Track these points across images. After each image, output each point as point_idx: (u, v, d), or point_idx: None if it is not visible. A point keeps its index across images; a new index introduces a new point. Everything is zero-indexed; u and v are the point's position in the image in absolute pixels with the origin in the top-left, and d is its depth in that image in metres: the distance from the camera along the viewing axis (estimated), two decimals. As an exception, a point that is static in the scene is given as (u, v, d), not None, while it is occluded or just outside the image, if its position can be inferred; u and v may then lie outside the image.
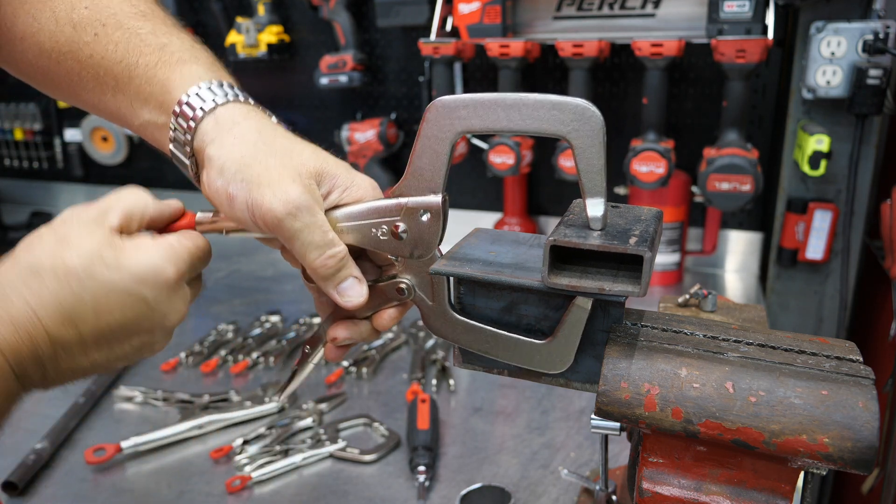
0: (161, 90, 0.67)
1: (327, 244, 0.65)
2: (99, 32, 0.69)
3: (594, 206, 0.59)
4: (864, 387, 0.54)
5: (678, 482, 0.60)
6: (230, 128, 0.65)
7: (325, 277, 0.66)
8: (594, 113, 0.57)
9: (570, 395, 1.33)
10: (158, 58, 0.68)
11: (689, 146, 1.88)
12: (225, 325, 1.64)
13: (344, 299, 0.67)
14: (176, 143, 0.68)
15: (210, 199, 0.66)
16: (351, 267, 0.67)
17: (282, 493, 1.10)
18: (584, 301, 0.60)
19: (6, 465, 1.12)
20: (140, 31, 0.70)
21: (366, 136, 2.12)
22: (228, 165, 0.63)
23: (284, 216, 0.62)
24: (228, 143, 0.64)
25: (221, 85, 0.68)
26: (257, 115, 0.68)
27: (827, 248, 1.70)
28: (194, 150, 0.67)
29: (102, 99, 0.72)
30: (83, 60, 0.70)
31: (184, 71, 0.68)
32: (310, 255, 0.65)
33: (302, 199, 0.62)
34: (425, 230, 0.65)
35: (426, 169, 0.64)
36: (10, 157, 2.74)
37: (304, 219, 0.63)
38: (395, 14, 1.95)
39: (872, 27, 1.51)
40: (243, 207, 0.63)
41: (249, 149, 0.64)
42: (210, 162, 0.65)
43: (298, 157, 0.65)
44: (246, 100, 0.69)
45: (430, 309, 0.68)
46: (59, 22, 0.71)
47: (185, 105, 0.66)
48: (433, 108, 0.62)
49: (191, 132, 0.66)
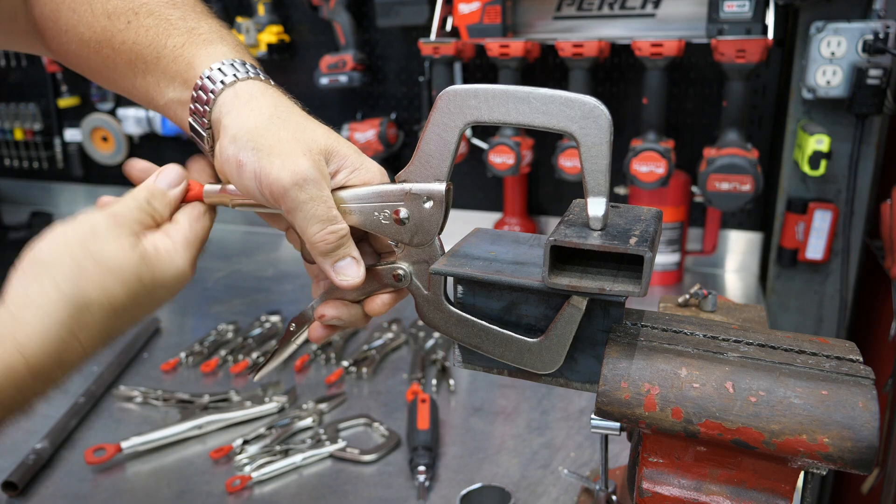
0: (186, 67, 0.70)
1: (330, 219, 0.65)
2: (132, 20, 0.72)
3: (596, 205, 0.58)
4: (864, 387, 0.54)
5: (678, 482, 0.60)
6: (248, 100, 0.67)
7: (324, 253, 0.67)
8: (603, 111, 0.57)
9: (570, 395, 1.33)
10: (186, 39, 0.71)
11: (689, 146, 1.88)
12: (225, 325, 1.64)
13: (340, 278, 0.68)
14: (195, 116, 0.69)
15: (221, 168, 0.68)
16: (350, 247, 0.68)
17: (282, 493, 1.10)
18: (580, 300, 0.60)
19: (6, 465, 1.12)
20: (170, 18, 0.72)
21: (366, 136, 2.12)
22: (241, 134, 0.65)
23: (291, 186, 0.63)
24: (245, 113, 0.66)
25: (244, 64, 0.70)
26: (276, 92, 0.70)
27: (827, 248, 1.70)
28: (211, 121, 0.68)
29: (134, 83, 0.74)
30: (117, 47, 0.73)
31: (209, 50, 0.70)
32: (311, 229, 0.65)
33: (310, 171, 0.63)
34: (427, 217, 0.66)
35: (433, 156, 0.64)
36: (10, 157, 2.74)
37: (309, 191, 0.64)
38: (395, 14, 1.95)
39: (872, 27, 1.51)
40: (251, 175, 0.64)
41: (264, 120, 0.65)
42: (225, 130, 0.66)
43: (311, 134, 0.66)
44: (267, 79, 0.71)
45: (424, 298, 0.68)
46: (96, 13, 0.73)
47: (207, 79, 0.68)
48: (444, 96, 0.62)
49: (209, 104, 0.68)
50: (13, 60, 2.58)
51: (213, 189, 0.70)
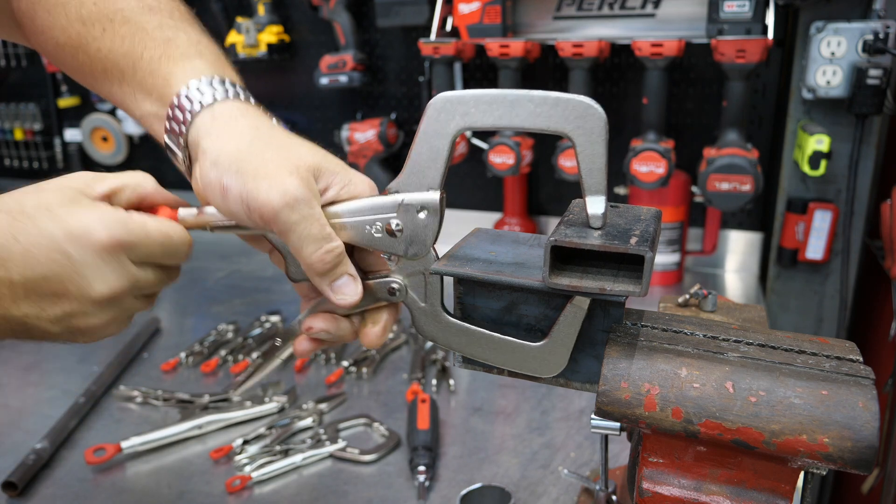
0: (163, 83, 0.68)
1: (325, 238, 0.63)
2: (107, 28, 0.70)
3: (594, 204, 0.58)
4: (864, 387, 0.54)
5: (678, 482, 0.60)
6: (227, 122, 0.65)
7: (321, 273, 0.65)
8: (597, 110, 0.57)
9: (570, 395, 1.33)
10: (163, 51, 0.69)
11: (689, 146, 1.88)
12: (225, 325, 1.64)
13: (338, 297, 0.66)
14: (171, 134, 0.67)
15: (201, 192, 0.65)
16: (346, 264, 0.66)
17: (282, 493, 1.10)
18: (582, 300, 0.60)
19: (6, 465, 1.12)
20: (146, 26, 0.70)
21: (366, 136, 2.12)
22: (223, 158, 0.62)
23: (282, 208, 0.60)
24: (224, 136, 0.64)
25: (223, 82, 0.67)
26: (256, 113, 0.68)
27: (827, 248, 1.70)
28: (188, 143, 0.66)
29: (111, 90, 0.73)
30: (92, 55, 0.72)
31: (186, 66, 0.68)
32: (306, 249, 0.63)
33: (300, 191, 0.61)
34: (421, 228, 0.64)
35: (425, 165, 0.63)
36: (10, 157, 2.74)
37: (301, 210, 0.61)
38: (395, 14, 1.95)
39: (872, 27, 1.51)
40: (237, 200, 0.62)
41: (245, 142, 0.63)
42: (204, 154, 0.64)
43: (296, 152, 0.64)
44: (247, 99, 0.69)
45: (421, 311, 0.67)
46: (70, 18, 0.72)
47: (184, 98, 0.66)
48: (434, 104, 0.61)
49: (186, 125, 0.65)
50: (13, 60, 2.58)
51: (189, 213, 0.67)
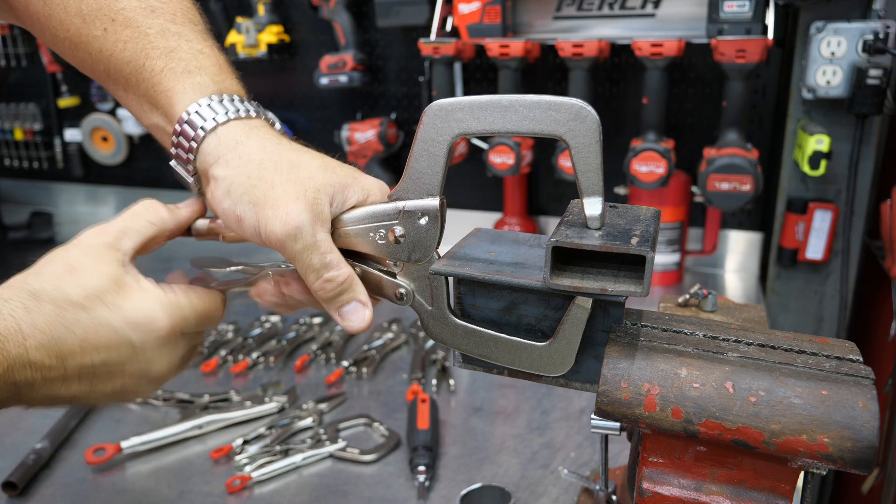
0: (166, 100, 0.67)
1: (324, 266, 0.65)
2: (108, 28, 0.69)
3: (591, 205, 0.59)
4: (864, 387, 0.54)
5: (678, 482, 0.60)
6: (234, 147, 0.65)
7: (325, 300, 0.68)
8: (590, 112, 0.57)
9: (570, 395, 1.33)
10: (165, 64, 0.68)
11: (689, 146, 1.88)
12: (225, 325, 1.64)
13: (345, 323, 0.68)
14: (178, 160, 0.68)
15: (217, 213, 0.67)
16: (355, 290, 0.67)
17: (282, 493, 1.10)
18: (585, 301, 0.60)
19: (6, 465, 1.12)
20: (148, 32, 0.69)
21: (366, 136, 2.12)
22: (235, 187, 0.64)
23: (285, 238, 0.63)
24: (234, 163, 0.64)
25: (222, 100, 0.67)
26: (260, 131, 0.67)
27: (827, 248, 1.70)
28: (197, 168, 0.67)
29: (116, 92, 0.73)
30: (94, 54, 0.71)
31: (187, 83, 0.67)
32: (308, 278, 0.66)
33: (301, 219, 0.62)
34: (423, 233, 0.65)
35: (424, 172, 0.64)
36: (10, 157, 2.74)
37: (304, 240, 0.63)
38: (395, 14, 1.95)
39: (872, 27, 1.51)
40: (252, 230, 0.64)
41: (255, 168, 0.64)
42: (216, 182, 0.65)
43: (305, 171, 0.65)
44: (248, 113, 0.68)
45: (428, 314, 0.68)
46: (69, 12, 0.70)
47: (186, 124, 0.66)
48: (430, 112, 0.62)
49: (193, 152, 0.66)
50: (13, 60, 2.58)
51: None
